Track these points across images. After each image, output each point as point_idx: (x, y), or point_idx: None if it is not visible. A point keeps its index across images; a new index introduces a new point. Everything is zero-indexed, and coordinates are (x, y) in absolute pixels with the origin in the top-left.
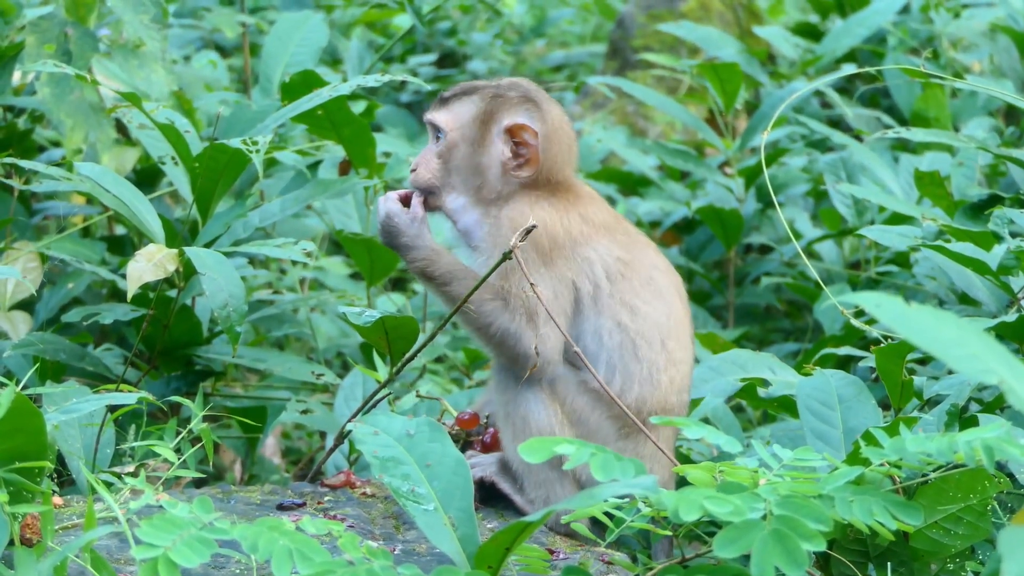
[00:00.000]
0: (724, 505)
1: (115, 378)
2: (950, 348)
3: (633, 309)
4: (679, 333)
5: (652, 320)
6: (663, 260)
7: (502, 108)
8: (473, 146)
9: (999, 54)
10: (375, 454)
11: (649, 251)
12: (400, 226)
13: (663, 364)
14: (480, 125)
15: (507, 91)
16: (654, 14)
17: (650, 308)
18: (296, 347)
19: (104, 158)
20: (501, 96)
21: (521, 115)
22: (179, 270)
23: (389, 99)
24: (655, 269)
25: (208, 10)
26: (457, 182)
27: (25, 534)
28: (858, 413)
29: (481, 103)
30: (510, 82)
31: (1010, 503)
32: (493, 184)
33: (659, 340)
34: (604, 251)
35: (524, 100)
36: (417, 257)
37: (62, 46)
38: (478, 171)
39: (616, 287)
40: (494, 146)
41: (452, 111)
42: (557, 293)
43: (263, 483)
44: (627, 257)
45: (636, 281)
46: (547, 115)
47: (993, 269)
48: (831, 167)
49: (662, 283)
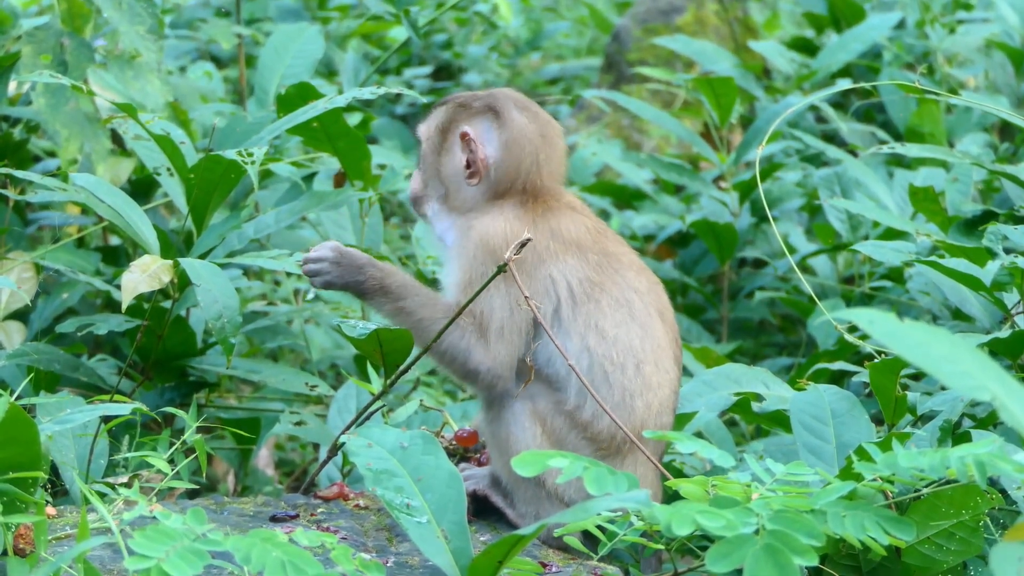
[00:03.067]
0: (716, 519)
1: (109, 389)
2: (942, 364)
3: (601, 332)
4: (657, 357)
5: (623, 344)
6: (645, 281)
7: (461, 116)
8: (437, 155)
9: (994, 70)
10: (369, 466)
11: (628, 272)
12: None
13: (638, 389)
14: (441, 133)
15: (474, 100)
16: (650, 28)
17: (621, 331)
18: (290, 359)
19: (99, 169)
20: (465, 105)
21: (475, 123)
22: (174, 281)
23: (384, 111)
24: (631, 291)
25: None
26: (431, 191)
27: (18, 544)
28: (851, 428)
29: (447, 112)
30: (488, 92)
31: (1002, 519)
32: (458, 193)
33: (633, 364)
34: (570, 271)
35: (486, 109)
36: (375, 274)
37: (58, 56)
38: (443, 180)
39: (581, 309)
40: (451, 154)
41: (428, 119)
42: (513, 309)
43: (256, 495)
44: (597, 278)
45: (605, 303)
46: (508, 123)
47: (987, 285)
48: (826, 182)
49: (638, 306)
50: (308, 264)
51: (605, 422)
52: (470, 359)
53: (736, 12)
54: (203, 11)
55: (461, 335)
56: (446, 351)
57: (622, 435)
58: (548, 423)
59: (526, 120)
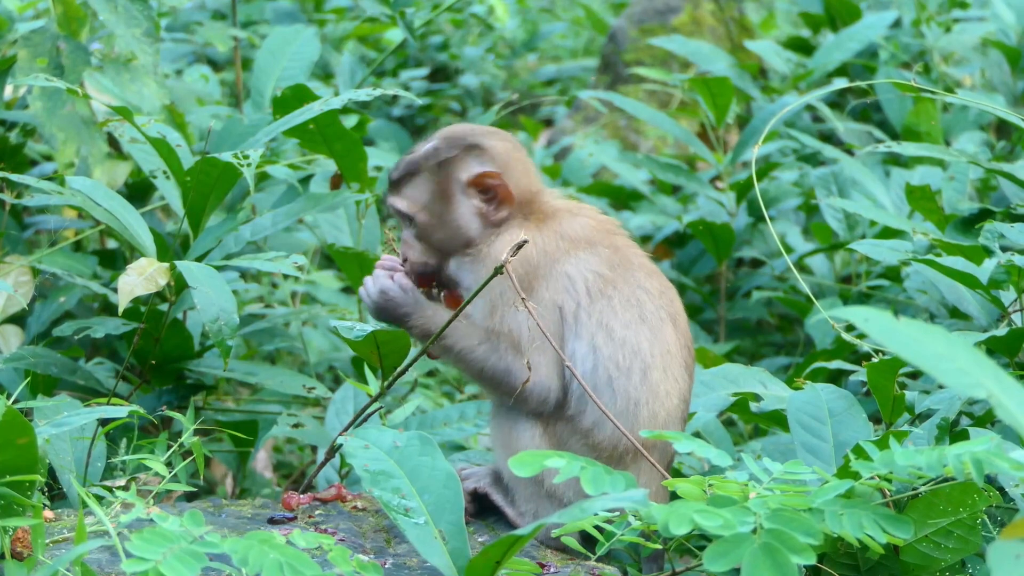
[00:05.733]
0: (714, 519)
1: (106, 392)
2: (940, 362)
3: (609, 332)
4: (667, 363)
5: (630, 347)
6: (657, 283)
7: (453, 169)
8: (444, 216)
9: (990, 68)
10: (366, 468)
11: (639, 273)
12: (397, 299)
13: (644, 398)
14: (440, 197)
15: (446, 151)
16: (646, 28)
17: (629, 333)
18: (287, 361)
19: (96, 172)
20: (443, 160)
21: (473, 165)
22: (170, 284)
23: (381, 113)
24: (643, 291)
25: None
26: (447, 250)
27: (16, 548)
28: (849, 427)
29: (432, 176)
30: (443, 137)
31: (1000, 517)
32: (477, 234)
33: (639, 370)
34: (584, 265)
35: (467, 150)
36: (417, 322)
37: (54, 60)
38: (460, 232)
39: (595, 305)
40: (464, 205)
41: (407, 195)
42: (536, 315)
43: (254, 497)
44: (609, 274)
45: (617, 300)
46: (492, 150)
47: (984, 283)
48: (822, 181)
49: (649, 307)
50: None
51: (607, 431)
52: (511, 377)
53: (732, 12)
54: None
55: (499, 357)
56: (492, 376)
57: (624, 444)
58: (550, 425)
59: (500, 141)
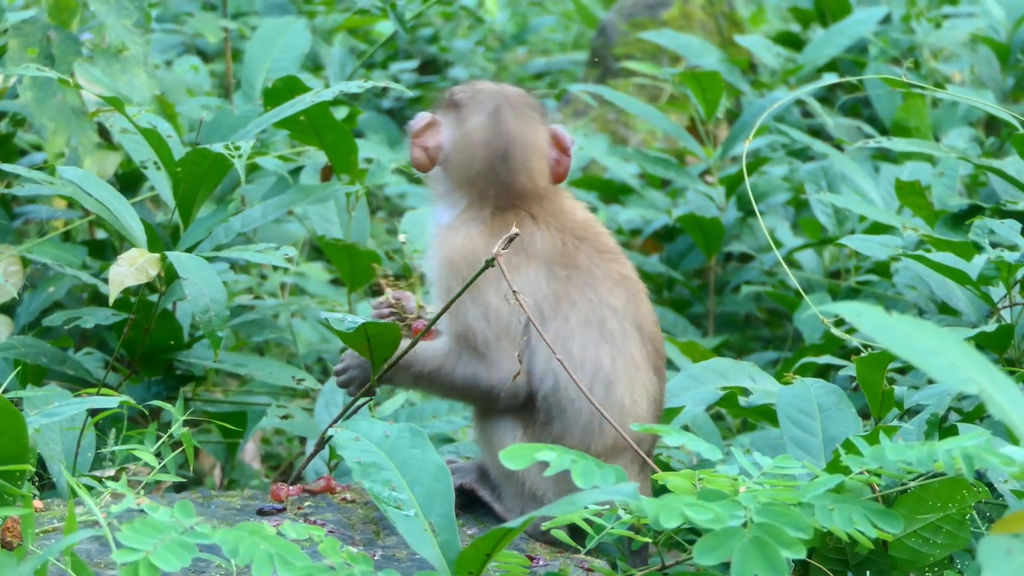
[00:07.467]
0: (704, 512)
1: (96, 382)
2: (929, 357)
3: (568, 353)
4: (631, 377)
5: (591, 365)
6: (623, 293)
7: (439, 104)
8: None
9: (979, 64)
10: (356, 460)
11: (602, 287)
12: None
13: (609, 412)
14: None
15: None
16: (636, 22)
17: (589, 353)
18: (277, 352)
19: (86, 162)
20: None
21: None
22: (161, 275)
23: (371, 105)
24: (605, 307)
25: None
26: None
27: (5, 537)
28: (838, 422)
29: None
30: (487, 87)
31: (989, 512)
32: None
33: (602, 386)
34: (535, 284)
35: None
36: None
37: (45, 50)
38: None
39: (549, 326)
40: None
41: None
42: (487, 317)
43: (242, 488)
44: (565, 292)
45: (574, 320)
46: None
47: (973, 279)
48: (812, 176)
49: (611, 324)
50: (339, 378)
51: (575, 439)
52: (479, 381)
53: (722, 7)
54: (189, 5)
55: (465, 364)
56: (462, 386)
57: (595, 448)
58: (529, 427)
59: (486, 120)
